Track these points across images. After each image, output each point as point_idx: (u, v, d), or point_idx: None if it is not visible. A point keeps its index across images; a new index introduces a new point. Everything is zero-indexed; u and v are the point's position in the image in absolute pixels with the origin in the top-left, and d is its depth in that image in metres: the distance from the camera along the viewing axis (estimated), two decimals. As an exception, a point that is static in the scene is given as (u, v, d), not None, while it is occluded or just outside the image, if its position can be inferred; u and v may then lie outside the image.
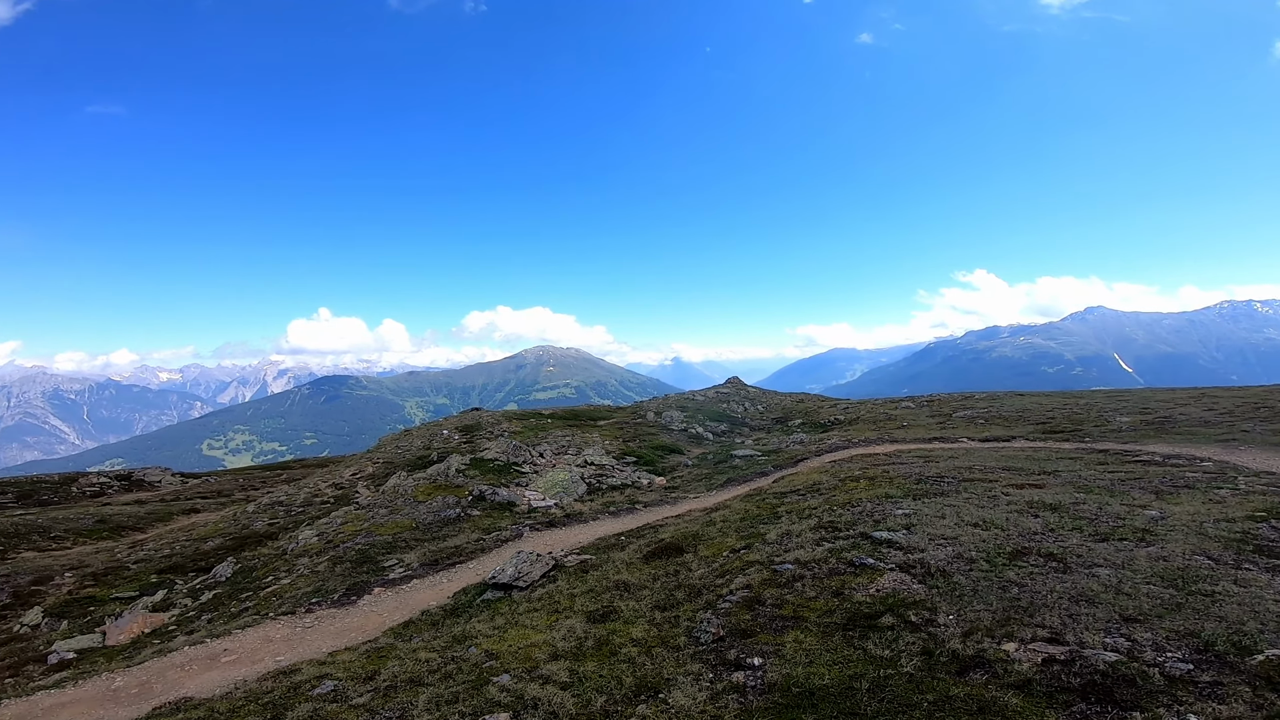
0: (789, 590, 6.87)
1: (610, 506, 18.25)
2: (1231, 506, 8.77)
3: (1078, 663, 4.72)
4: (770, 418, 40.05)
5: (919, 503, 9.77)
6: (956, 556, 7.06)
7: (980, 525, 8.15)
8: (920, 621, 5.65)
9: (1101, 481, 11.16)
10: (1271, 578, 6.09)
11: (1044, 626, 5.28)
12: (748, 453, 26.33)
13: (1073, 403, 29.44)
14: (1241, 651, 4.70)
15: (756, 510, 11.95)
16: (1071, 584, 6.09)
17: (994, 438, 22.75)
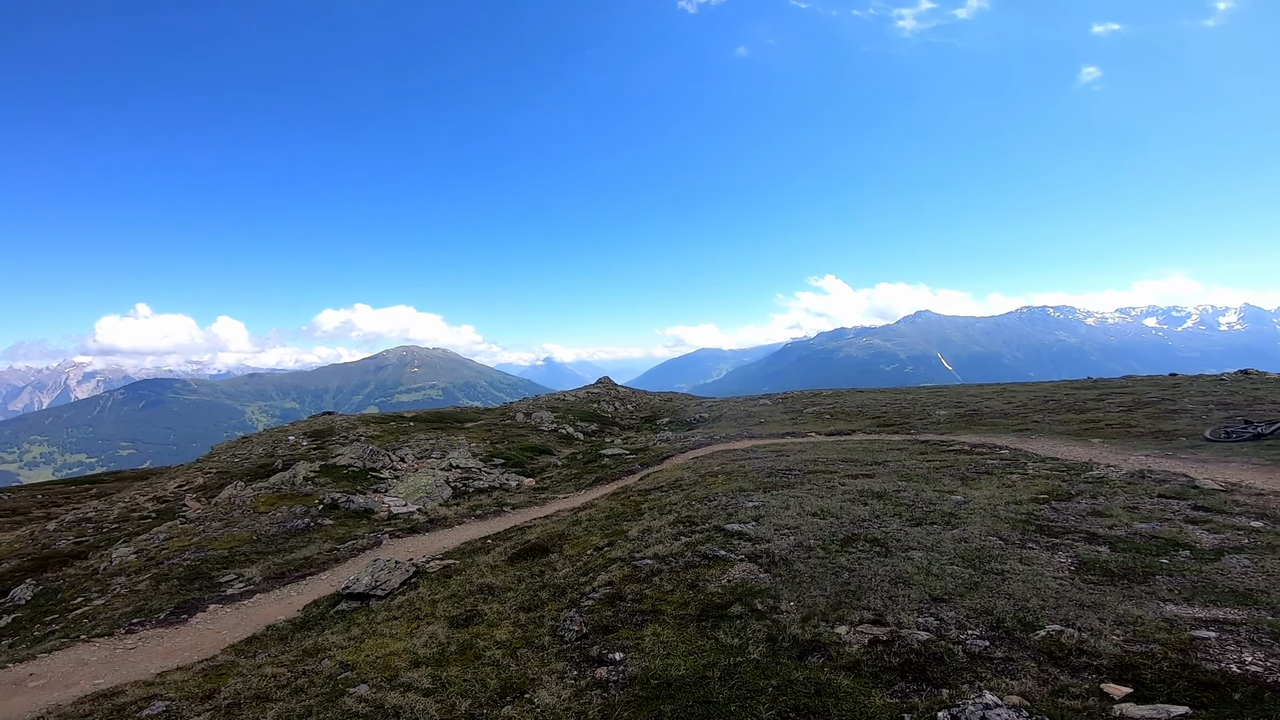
0: (648, 585, 7.15)
1: (477, 510, 17.88)
2: (1020, 490, 10.16)
3: (896, 643, 5.17)
4: (640, 416, 40.97)
5: (768, 495, 10.52)
6: (798, 545, 7.70)
7: (819, 514, 8.95)
8: (766, 609, 6.08)
9: (920, 470, 12.61)
10: (1051, 555, 7.01)
11: (869, 609, 5.81)
12: (617, 451, 26.79)
13: (902, 398, 32.88)
14: (1027, 627, 5.27)
15: (621, 508, 12.27)
16: (891, 567, 6.77)
17: (838, 432, 24.81)
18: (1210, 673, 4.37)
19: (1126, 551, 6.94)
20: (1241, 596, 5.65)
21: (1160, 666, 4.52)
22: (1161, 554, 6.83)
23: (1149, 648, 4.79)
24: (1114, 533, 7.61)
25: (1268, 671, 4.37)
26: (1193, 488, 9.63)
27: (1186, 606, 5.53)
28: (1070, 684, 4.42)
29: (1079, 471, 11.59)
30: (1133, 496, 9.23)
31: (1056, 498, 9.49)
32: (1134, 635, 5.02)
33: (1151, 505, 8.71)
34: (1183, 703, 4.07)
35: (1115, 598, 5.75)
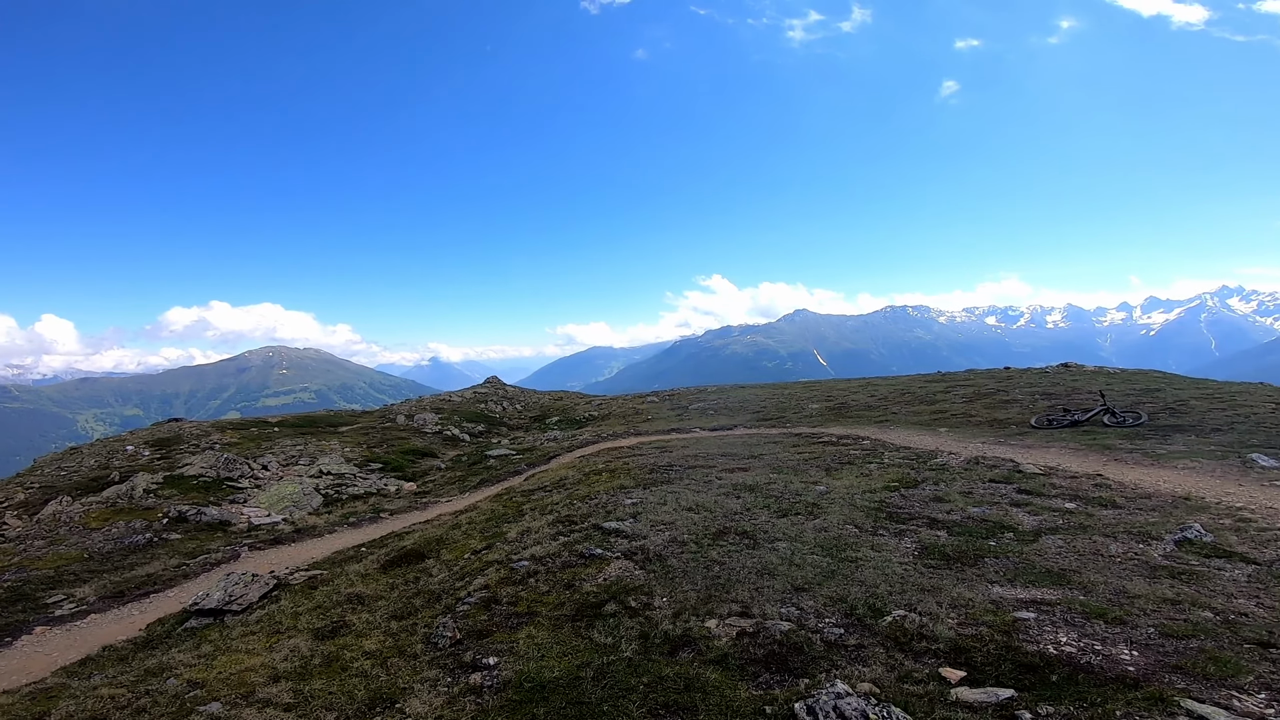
0: (524, 587, 7.08)
1: (351, 517, 16.92)
2: (875, 479, 10.93)
3: (761, 634, 5.32)
4: (529, 416, 40.42)
5: (647, 491, 10.73)
6: (672, 540, 7.88)
7: (694, 509, 9.21)
8: (639, 606, 6.13)
9: (791, 462, 13.33)
10: (898, 541, 7.52)
11: (738, 601, 5.96)
12: (503, 452, 26.28)
13: (780, 393, 34.66)
14: (876, 614, 5.53)
15: (503, 510, 12.08)
16: (758, 559, 7.01)
17: (720, 427, 25.71)
18: (1030, 654, 4.68)
19: (961, 535, 7.61)
20: (1056, 577, 6.21)
21: (988, 649, 4.81)
22: (990, 536, 7.53)
23: (978, 630, 5.12)
24: (951, 517, 8.36)
25: (1080, 652, 4.72)
26: (1018, 472, 10.86)
27: (1010, 588, 6.01)
28: (914, 669, 4.65)
29: (926, 460, 12.74)
30: (968, 482, 10.26)
31: (906, 485, 10.29)
32: (966, 618, 5.36)
33: (984, 490, 9.72)
34: (1009, 685, 4.32)
35: (951, 581, 6.20)
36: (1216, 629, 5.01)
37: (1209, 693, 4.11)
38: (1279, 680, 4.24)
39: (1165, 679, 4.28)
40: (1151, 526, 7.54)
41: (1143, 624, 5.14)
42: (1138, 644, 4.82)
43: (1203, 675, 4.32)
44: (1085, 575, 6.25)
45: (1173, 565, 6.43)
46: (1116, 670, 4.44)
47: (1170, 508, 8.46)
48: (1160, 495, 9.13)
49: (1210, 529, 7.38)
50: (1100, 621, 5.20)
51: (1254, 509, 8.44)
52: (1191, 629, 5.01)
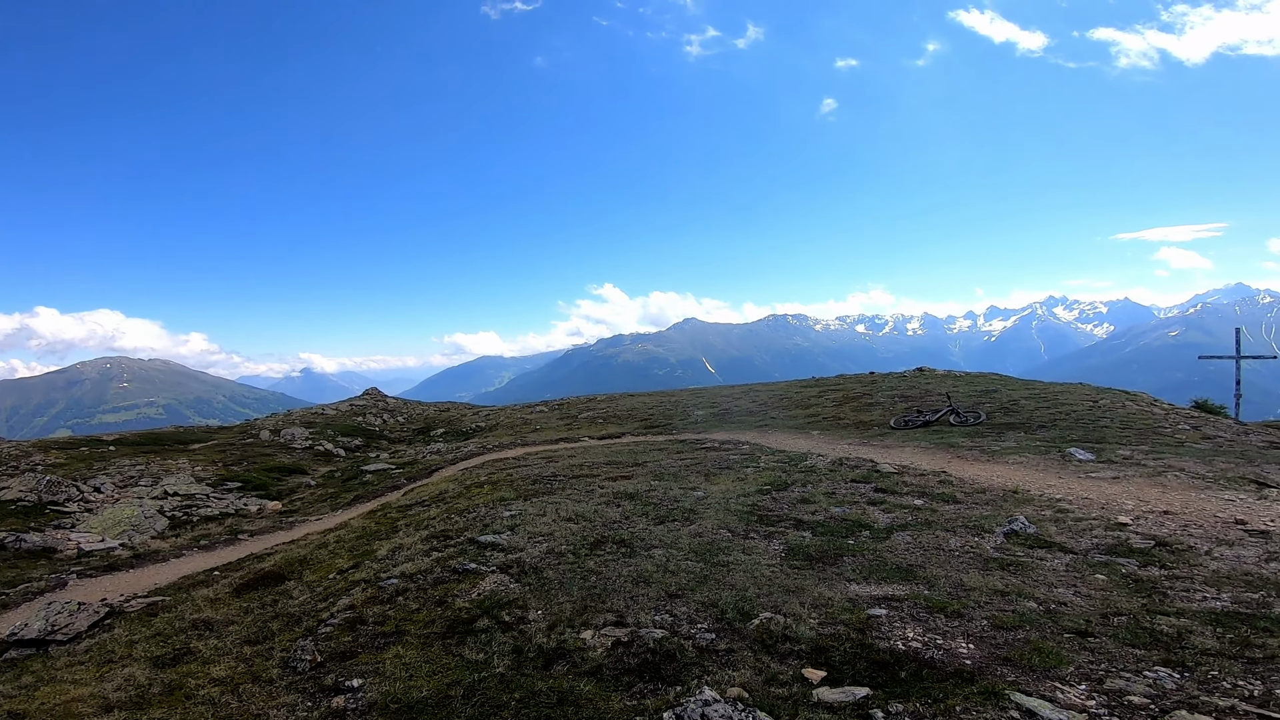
0: (392, 606, 6.74)
1: (203, 540, 15.41)
2: (750, 483, 11.30)
3: (635, 643, 5.23)
4: (412, 429, 38.68)
5: (528, 503, 10.54)
6: (549, 552, 7.76)
7: (573, 519, 9.14)
8: (513, 620, 5.95)
9: (673, 468, 13.58)
10: (768, 543, 7.74)
11: (613, 611, 5.88)
12: (382, 467, 24.96)
13: (667, 400, 35.38)
14: (744, 617, 5.59)
15: (376, 526, 11.51)
16: (635, 567, 6.99)
17: (609, 435, 25.82)
18: (882, 651, 4.85)
19: (824, 535, 7.99)
20: (905, 572, 6.60)
21: (845, 648, 4.95)
22: (849, 535, 7.96)
23: (836, 629, 5.29)
24: (816, 518, 8.78)
25: (925, 647, 4.91)
26: (876, 472, 11.69)
27: (865, 585, 6.32)
28: (779, 671, 4.70)
29: (797, 462, 13.42)
30: (833, 483, 10.91)
31: (777, 488, 10.71)
32: (826, 617, 5.54)
33: (846, 490, 10.37)
34: (864, 683, 4.43)
35: (813, 581, 6.44)
36: (1040, 619, 5.40)
37: (1035, 684, 4.35)
38: (1096, 670, 4.56)
39: (997, 671, 4.51)
40: (985, 520, 8.33)
41: (977, 616, 5.49)
42: (973, 637, 5.12)
43: (1029, 667, 4.60)
44: (929, 570, 6.70)
45: (1002, 557, 7.05)
46: (955, 664, 4.65)
47: (1001, 501, 9.42)
48: (993, 489, 10.16)
49: (1034, 520, 8.27)
50: (941, 615, 5.52)
51: (1071, 500, 9.59)
52: (1018, 619, 5.37)
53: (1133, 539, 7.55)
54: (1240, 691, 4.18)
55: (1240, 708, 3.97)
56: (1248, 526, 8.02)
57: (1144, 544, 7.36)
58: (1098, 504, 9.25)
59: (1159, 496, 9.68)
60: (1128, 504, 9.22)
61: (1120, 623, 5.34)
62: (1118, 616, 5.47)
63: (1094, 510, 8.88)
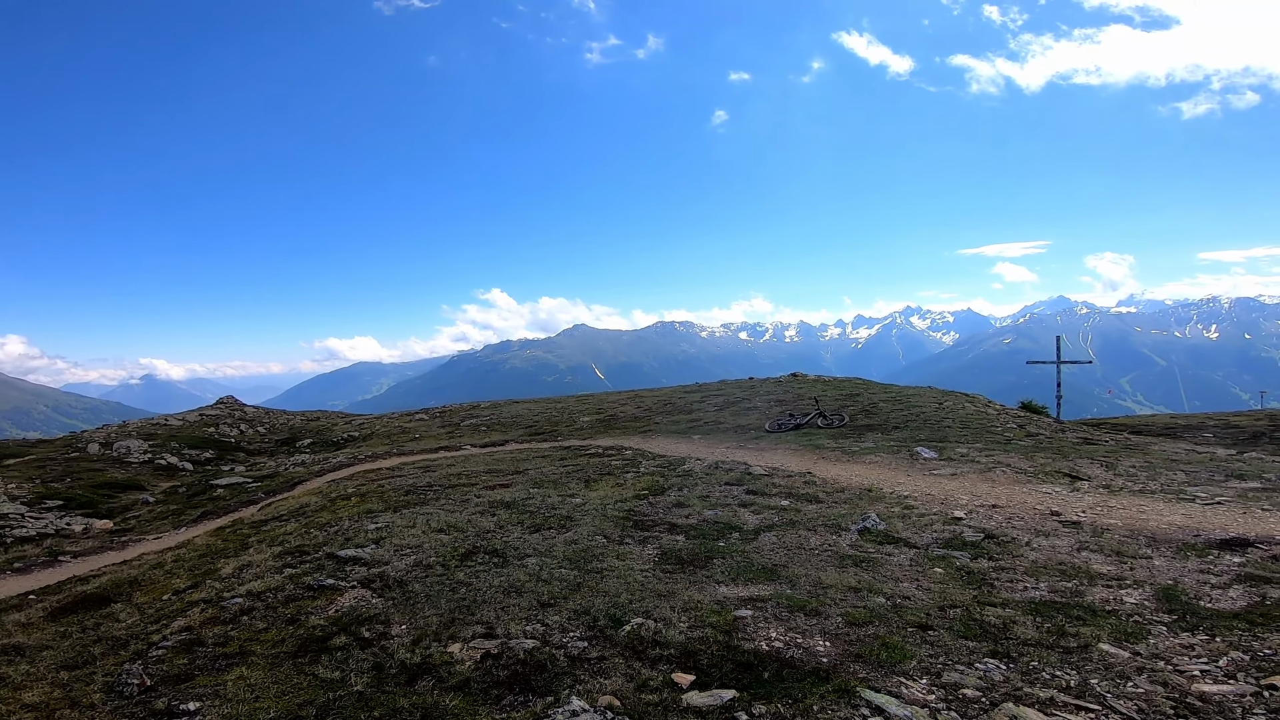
0: (236, 625, 6.21)
1: (17, 563, 13.43)
2: (628, 488, 11.41)
3: (505, 655, 5.11)
4: (275, 440, 35.71)
5: (397, 514, 10.07)
6: (417, 564, 7.44)
7: (445, 530, 8.82)
8: (374, 636, 5.64)
9: (554, 475, 13.46)
10: (642, 549, 7.79)
11: (482, 623, 5.72)
12: (236, 480, 22.84)
13: (553, 407, 35.10)
14: (617, 624, 5.56)
15: (223, 544, 10.57)
16: (507, 577, 6.84)
17: (493, 443, 25.18)
18: (747, 652, 4.95)
19: (696, 538, 8.17)
20: (769, 573, 6.84)
21: (713, 651, 5.01)
22: (720, 538, 8.19)
23: (705, 632, 5.36)
24: (690, 521, 8.99)
25: (786, 646, 5.07)
26: (748, 474, 12.19)
27: (733, 587, 6.48)
28: (650, 677, 4.69)
29: (676, 466, 13.74)
30: (708, 486, 11.25)
31: (654, 493, 10.88)
32: (696, 621, 5.61)
33: (719, 493, 10.73)
34: (731, 686, 4.50)
35: (684, 584, 6.54)
36: (888, 614, 5.72)
37: (883, 680, 4.52)
38: (935, 664, 4.80)
39: (850, 669, 4.70)
40: (842, 519, 8.91)
41: (833, 614, 5.74)
42: (829, 634, 5.34)
43: (877, 662, 4.78)
44: (792, 569, 7.00)
45: (856, 554, 7.51)
46: (813, 663, 4.81)
47: (857, 500, 10.12)
48: (851, 488, 10.90)
49: (884, 517, 8.94)
50: (801, 614, 5.73)
51: (916, 496, 10.46)
52: (869, 615, 5.67)
53: (966, 532, 8.33)
54: (1058, 682, 4.52)
55: (1059, 699, 4.27)
56: (1062, 518, 9.10)
57: (975, 537, 8.16)
58: (938, 499, 10.17)
59: (989, 491, 10.82)
60: (962, 499, 10.22)
61: (955, 615, 5.75)
62: (953, 609, 5.89)
63: (935, 506, 9.76)
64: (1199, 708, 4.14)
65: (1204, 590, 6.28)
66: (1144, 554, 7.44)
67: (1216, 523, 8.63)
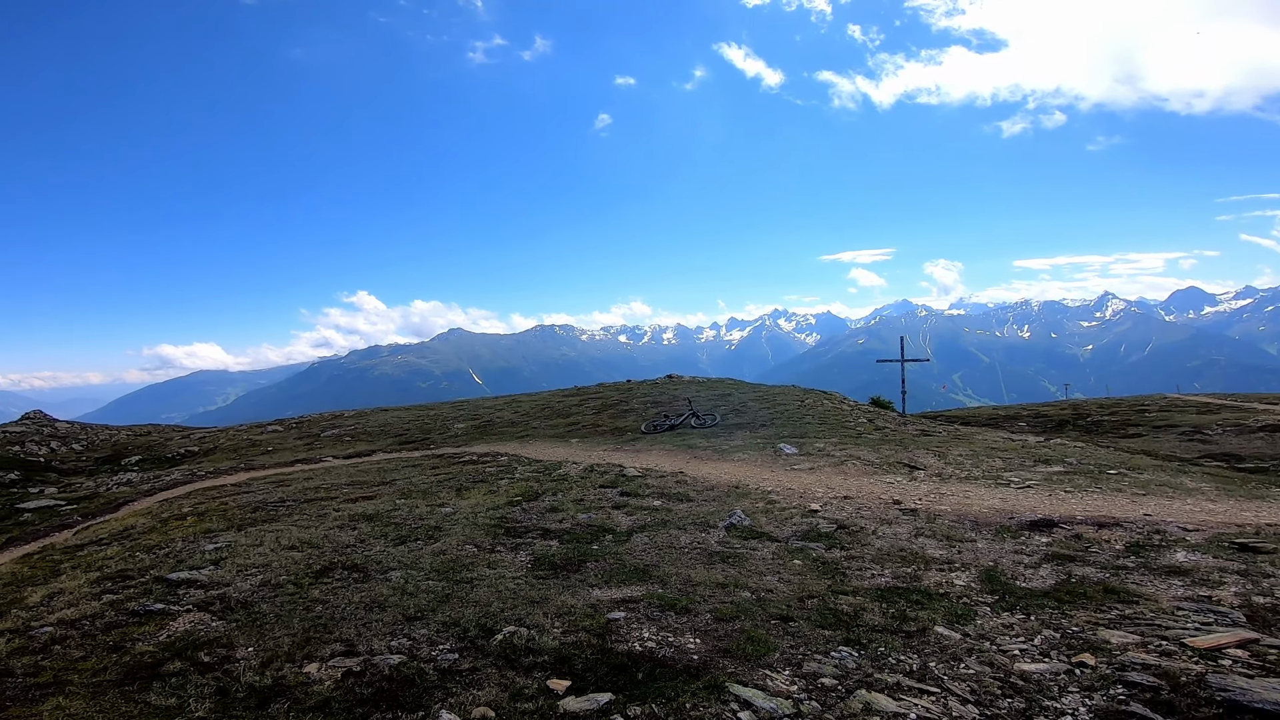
0: (47, 655, 5.51)
1: None
2: (502, 495, 11.18)
3: (369, 672, 4.89)
4: (95, 457, 31.40)
5: (241, 533, 9.27)
6: (264, 584, 6.89)
7: (297, 547, 8.21)
8: (215, 660, 5.18)
9: (424, 485, 12.91)
10: (514, 556, 7.68)
11: (341, 640, 5.43)
12: (47, 503, 19.87)
13: (425, 414, 33.63)
14: (488, 633, 5.44)
15: (30, 572, 9.23)
16: (368, 592, 6.52)
17: (358, 453, 23.70)
18: (621, 654, 4.98)
19: (570, 543, 8.18)
20: (642, 573, 6.95)
21: (588, 655, 5.01)
22: (593, 541, 8.25)
23: (579, 636, 5.35)
24: (563, 526, 8.99)
25: (659, 646, 5.16)
26: (622, 476, 12.36)
27: (606, 589, 6.52)
28: (525, 685, 4.62)
29: (551, 471, 13.66)
30: (583, 489, 11.28)
31: (528, 498, 10.75)
32: (570, 625, 5.59)
33: (594, 496, 10.78)
34: (606, 689, 4.49)
35: (557, 590, 6.51)
36: (753, 608, 5.95)
37: (750, 674, 4.62)
38: (796, 654, 4.96)
39: (719, 664, 4.84)
40: (710, 516, 9.27)
41: (703, 611, 5.90)
42: (699, 631, 5.49)
43: (744, 656, 4.89)
44: (663, 569, 7.14)
45: (724, 550, 7.82)
46: (685, 661, 4.91)
47: (726, 497, 10.57)
48: (721, 486, 11.36)
49: (749, 513, 9.40)
50: (672, 613, 5.85)
51: (779, 491, 11.07)
52: (736, 610, 5.87)
53: (821, 524, 8.95)
54: (903, 666, 4.86)
55: (904, 683, 4.58)
56: (902, 506, 10.01)
57: (829, 528, 8.78)
58: (798, 493, 10.86)
59: (842, 483, 11.69)
60: (819, 491, 10.98)
61: (813, 605, 6.08)
62: (811, 599, 6.24)
63: (795, 499, 10.40)
64: (1022, 686, 4.54)
65: (1019, 570, 7.06)
66: (969, 538, 8.33)
67: (1027, 505, 9.87)
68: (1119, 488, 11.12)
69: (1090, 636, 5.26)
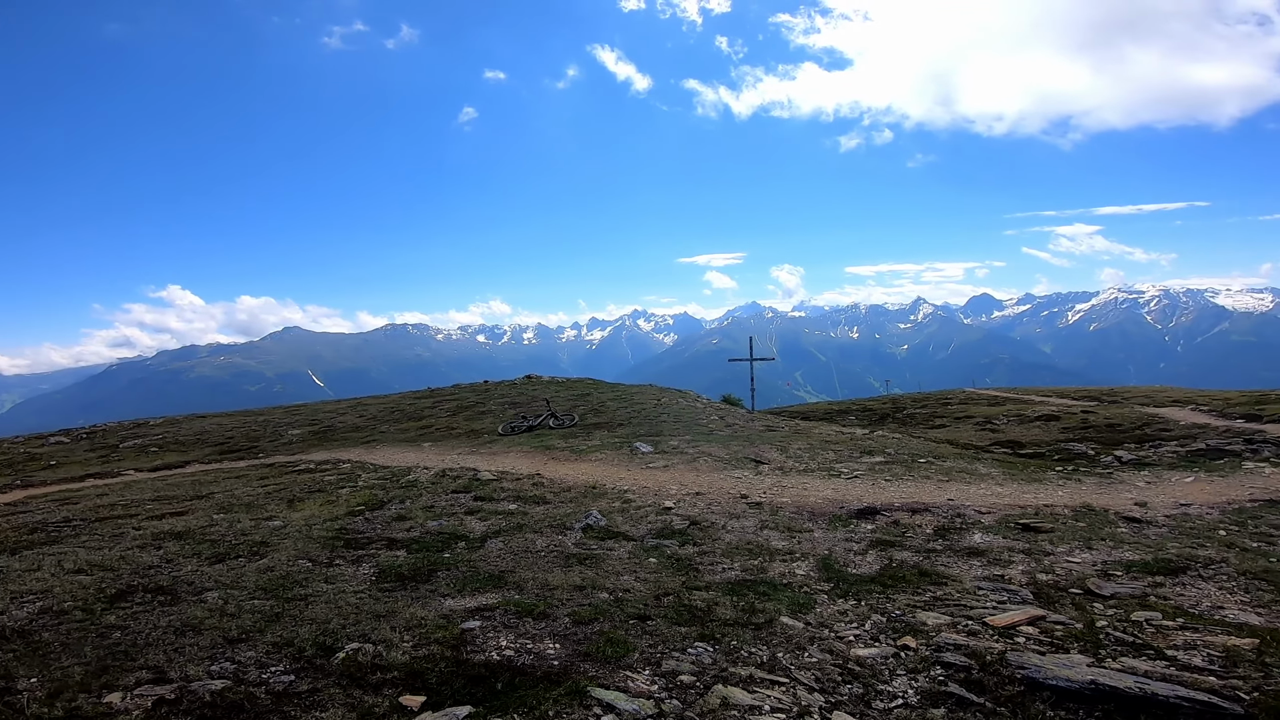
0: None
1: None
2: (341, 505, 10.41)
3: (186, 699, 4.38)
4: None
5: (15, 557, 7.88)
6: (45, 611, 5.90)
7: (86, 570, 7.10)
8: None
9: (250, 497, 11.65)
10: (356, 569, 7.12)
11: (148, 667, 4.81)
12: None
13: (253, 420, 30.42)
14: (327, 652, 5.05)
15: None
16: (178, 615, 5.81)
17: (167, 465, 21.05)
18: (478, 664, 4.76)
19: (419, 552, 7.73)
20: (497, 580, 6.71)
21: (442, 668, 4.75)
22: (444, 549, 7.87)
23: (431, 649, 5.06)
24: (411, 535, 8.50)
25: (518, 654, 4.98)
26: (476, 480, 11.96)
27: (459, 598, 6.22)
28: (374, 704, 4.35)
29: (399, 477, 12.90)
30: (433, 496, 10.75)
31: (371, 507, 10.09)
32: (420, 639, 5.27)
33: (445, 502, 10.31)
34: (465, 702, 4.28)
35: (405, 602, 6.12)
36: (611, 609, 5.91)
37: (611, 676, 4.57)
38: (655, 653, 4.95)
39: (580, 668, 4.74)
40: (567, 517, 9.20)
41: (561, 615, 5.78)
42: (558, 636, 5.36)
43: (604, 659, 4.84)
44: (519, 574, 6.96)
45: (580, 552, 7.76)
46: (545, 667, 4.78)
47: (582, 497, 10.57)
48: (578, 487, 11.35)
49: (605, 513, 9.45)
50: (530, 619, 5.68)
51: (635, 490, 11.27)
52: (594, 612, 5.79)
53: (675, 521, 9.20)
54: (755, 659, 4.99)
55: (756, 675, 4.71)
56: (749, 499, 10.57)
57: (682, 524, 9.06)
58: (653, 491, 11.13)
59: (694, 480, 12.16)
60: (673, 489, 11.34)
61: (669, 602, 6.15)
62: (667, 596, 6.32)
63: (650, 498, 10.65)
64: (858, 672, 4.81)
65: (850, 558, 7.66)
66: (808, 528, 8.97)
67: (855, 495, 10.85)
68: (927, 475, 12.58)
69: (910, 619, 5.73)
